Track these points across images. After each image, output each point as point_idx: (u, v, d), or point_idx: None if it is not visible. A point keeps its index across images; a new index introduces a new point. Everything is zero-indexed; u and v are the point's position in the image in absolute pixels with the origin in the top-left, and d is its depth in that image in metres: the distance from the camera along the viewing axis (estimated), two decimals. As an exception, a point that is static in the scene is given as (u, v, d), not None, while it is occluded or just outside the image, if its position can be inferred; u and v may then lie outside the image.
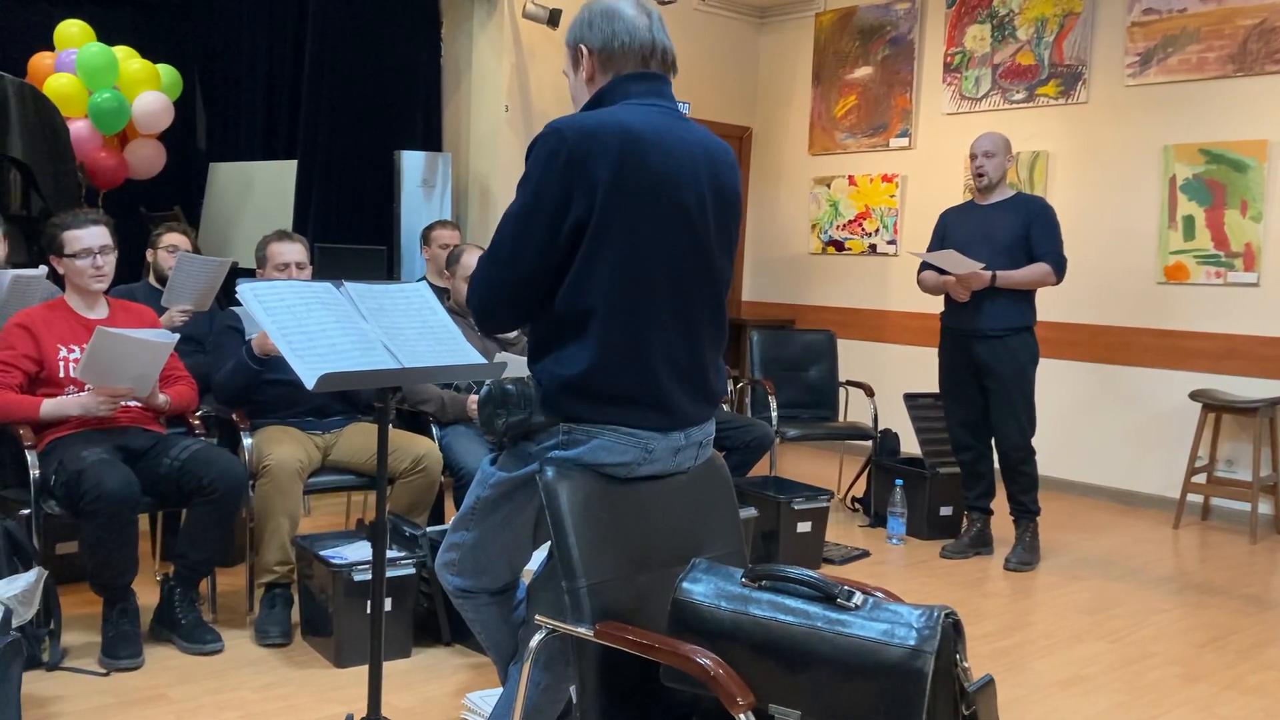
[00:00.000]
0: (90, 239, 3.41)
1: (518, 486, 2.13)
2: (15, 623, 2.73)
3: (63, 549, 3.90)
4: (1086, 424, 6.28)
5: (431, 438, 3.96)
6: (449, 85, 6.95)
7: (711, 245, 2.10)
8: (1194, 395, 5.60)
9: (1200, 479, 5.69)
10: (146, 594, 3.48)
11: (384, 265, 6.28)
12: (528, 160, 2.02)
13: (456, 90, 6.95)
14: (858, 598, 1.79)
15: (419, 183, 6.45)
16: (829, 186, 7.61)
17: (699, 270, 2.08)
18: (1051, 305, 6.16)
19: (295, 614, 3.55)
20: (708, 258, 2.09)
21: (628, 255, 1.98)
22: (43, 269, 3.89)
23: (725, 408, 5.17)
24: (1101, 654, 3.69)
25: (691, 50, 7.47)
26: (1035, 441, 4.70)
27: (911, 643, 1.70)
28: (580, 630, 1.90)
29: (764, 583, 1.86)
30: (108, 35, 5.58)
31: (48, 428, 3.34)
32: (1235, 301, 5.71)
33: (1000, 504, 4.98)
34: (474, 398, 4.01)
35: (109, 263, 3.47)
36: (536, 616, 1.98)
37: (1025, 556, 4.70)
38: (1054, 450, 6.19)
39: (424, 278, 5.21)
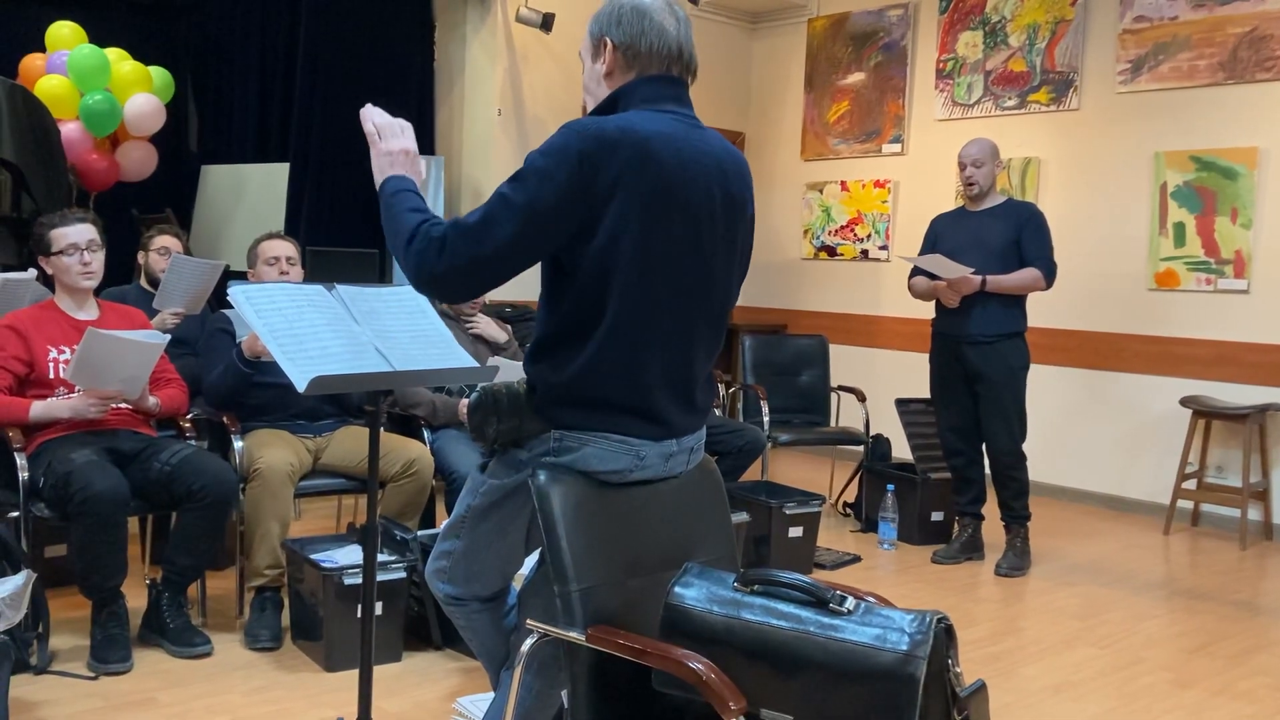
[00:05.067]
0: (77, 235, 3.41)
1: (509, 494, 2.12)
2: (3, 626, 2.72)
3: (51, 552, 3.88)
4: (1077, 430, 6.29)
5: (423, 441, 3.95)
6: (442, 89, 6.95)
7: (718, 257, 2.07)
8: (1184, 401, 5.61)
9: (1190, 485, 5.70)
10: (136, 597, 3.47)
11: (376, 268, 6.27)
12: (535, 152, 1.94)
13: (449, 94, 6.94)
14: (850, 602, 1.79)
15: (412, 186, 6.42)
16: (821, 192, 7.62)
17: (702, 282, 2.06)
18: (1042, 311, 6.18)
19: (285, 618, 3.54)
20: (712, 270, 2.07)
21: (635, 265, 1.95)
22: (32, 272, 3.87)
23: (717, 412, 5.18)
24: (1092, 659, 3.69)
25: (684, 55, 7.46)
26: (1026, 447, 4.71)
27: (904, 648, 1.70)
28: (572, 635, 1.89)
29: (756, 587, 1.86)
30: (100, 37, 5.56)
31: (37, 430, 3.33)
32: (1225, 308, 5.72)
33: (991, 509, 4.99)
34: (465, 402, 4.01)
35: (97, 259, 3.46)
36: (528, 621, 1.98)
37: (1016, 562, 4.70)
38: (1045, 456, 6.21)
39: None
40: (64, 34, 5.44)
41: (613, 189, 1.91)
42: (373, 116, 2.15)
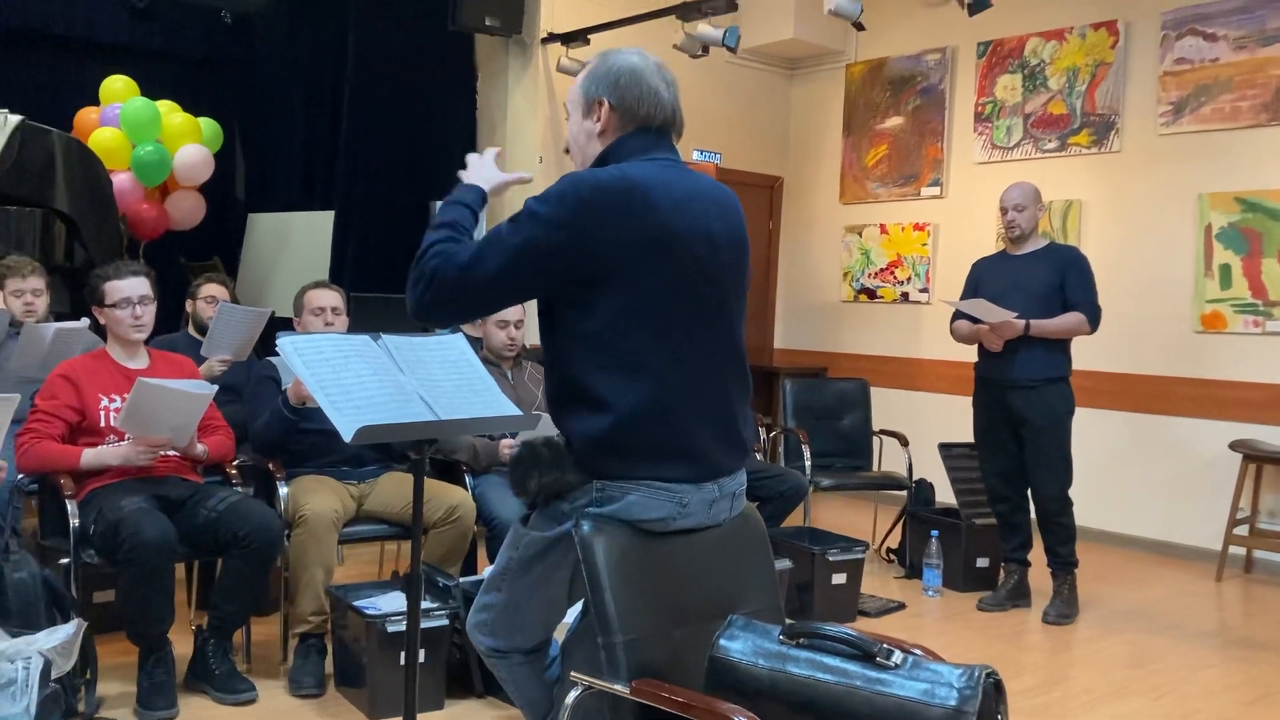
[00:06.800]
0: (130, 289, 3.48)
1: (551, 546, 2.12)
2: (54, 674, 2.75)
3: (100, 598, 3.92)
4: (1124, 474, 6.20)
5: (465, 487, 3.96)
6: (484, 136, 7.04)
7: (727, 291, 2.13)
8: (1234, 445, 5.52)
9: (1242, 530, 5.59)
10: (183, 644, 3.49)
11: (419, 315, 6.31)
12: (532, 198, 2.02)
13: (491, 141, 7.03)
14: (897, 656, 1.77)
15: (454, 233, 6.49)
16: (860, 235, 7.62)
17: (717, 317, 2.11)
18: (1087, 354, 6.10)
19: (329, 664, 3.55)
20: (724, 304, 2.12)
21: (648, 309, 2.00)
22: (85, 321, 3.95)
23: (759, 457, 5.15)
24: (1144, 710, 3.62)
25: (723, 102, 7.53)
26: (1072, 492, 4.65)
27: (953, 703, 1.68)
28: (617, 687, 1.88)
29: (802, 640, 1.85)
30: (151, 90, 5.71)
31: (88, 477, 3.38)
32: (1274, 350, 5.64)
33: (1038, 555, 4.92)
34: (506, 442, 4.02)
35: (148, 313, 3.53)
36: (572, 673, 1.97)
37: (1064, 609, 4.63)
38: (1091, 501, 6.10)
39: (459, 328, 5.24)
40: (117, 88, 5.59)
41: (616, 239, 1.97)
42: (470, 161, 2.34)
